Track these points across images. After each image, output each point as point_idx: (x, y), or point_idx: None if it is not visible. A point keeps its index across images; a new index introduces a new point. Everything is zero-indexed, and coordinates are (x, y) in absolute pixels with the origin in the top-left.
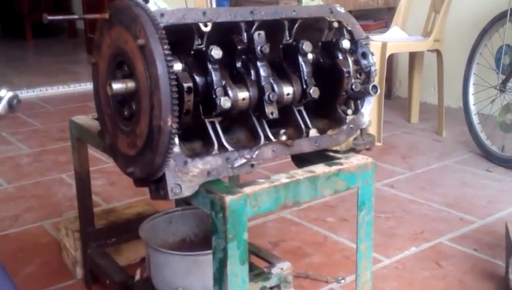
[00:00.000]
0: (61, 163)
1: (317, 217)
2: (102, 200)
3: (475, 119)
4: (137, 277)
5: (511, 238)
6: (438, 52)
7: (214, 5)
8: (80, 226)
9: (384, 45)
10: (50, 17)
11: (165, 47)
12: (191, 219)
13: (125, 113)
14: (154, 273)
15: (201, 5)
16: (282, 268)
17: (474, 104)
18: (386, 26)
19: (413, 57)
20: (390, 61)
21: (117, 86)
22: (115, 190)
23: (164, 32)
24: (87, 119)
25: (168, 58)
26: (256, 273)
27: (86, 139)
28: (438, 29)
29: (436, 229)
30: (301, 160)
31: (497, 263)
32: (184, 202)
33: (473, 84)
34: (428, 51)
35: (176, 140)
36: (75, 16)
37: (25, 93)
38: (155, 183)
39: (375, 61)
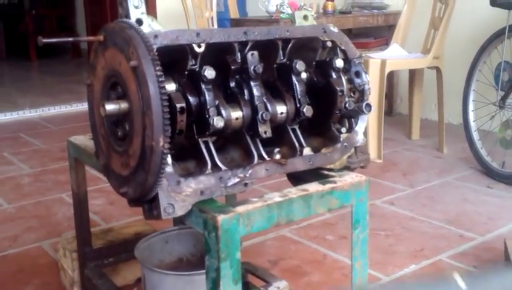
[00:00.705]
0: (62, 183)
1: (317, 235)
2: (102, 219)
3: (475, 135)
4: None
5: (510, 255)
6: (438, 69)
7: (216, 26)
8: (78, 247)
9: (383, 62)
10: (45, 40)
11: (157, 68)
12: (187, 239)
13: (119, 133)
14: None
15: (202, 26)
16: (279, 287)
17: (474, 121)
18: (387, 43)
19: (413, 74)
20: (391, 78)
21: (110, 106)
22: (114, 209)
23: (157, 53)
24: (85, 140)
25: (160, 80)
26: None
27: (83, 159)
28: (437, 46)
29: (436, 247)
30: (296, 178)
31: None
32: (181, 221)
33: (473, 100)
34: (428, 68)
35: (169, 160)
36: (70, 39)
37: (27, 113)
38: (148, 203)
39: (368, 79)
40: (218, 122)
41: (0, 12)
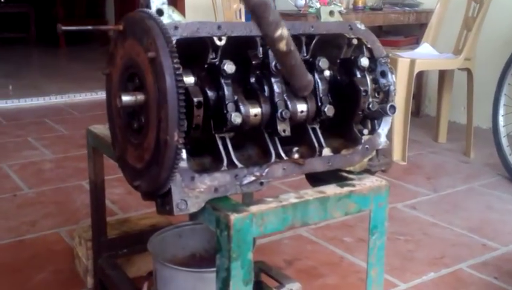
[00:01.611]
0: (82, 170)
1: (335, 236)
2: (119, 209)
3: (504, 141)
4: None
5: None
6: (469, 71)
7: (244, 19)
8: (92, 236)
9: (412, 62)
10: (64, 28)
11: (175, 60)
12: (201, 234)
13: (135, 125)
14: (161, 288)
15: (230, 18)
16: (292, 289)
17: (504, 126)
18: (417, 42)
19: (443, 74)
20: (420, 79)
21: (126, 98)
22: (132, 199)
23: (176, 45)
24: (104, 129)
25: (178, 72)
26: None
27: (101, 149)
28: (469, 47)
29: (456, 255)
30: (315, 179)
31: None
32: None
33: (504, 105)
34: (459, 69)
35: (184, 155)
36: (89, 27)
37: (53, 99)
38: (161, 197)
39: (395, 80)
40: (236, 119)
41: None
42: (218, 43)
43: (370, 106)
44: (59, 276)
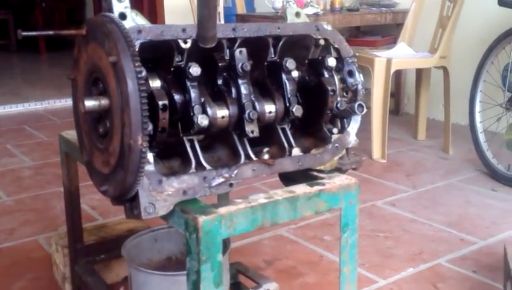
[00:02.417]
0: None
1: (315, 235)
2: (99, 214)
3: (481, 137)
4: None
5: (509, 261)
6: (445, 69)
7: (223, 21)
8: (69, 242)
9: (389, 61)
10: (24, 33)
11: (137, 64)
12: (177, 237)
13: (100, 130)
14: None
15: None
16: (269, 289)
17: (480, 122)
18: (395, 42)
19: (420, 73)
20: (399, 78)
21: (90, 103)
22: (112, 205)
23: (138, 48)
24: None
25: (140, 76)
26: None
27: (73, 154)
28: (445, 45)
29: (435, 250)
30: (288, 179)
31: (496, 285)
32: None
33: (480, 101)
34: (435, 67)
35: (150, 158)
36: (50, 32)
37: (33, 106)
38: (129, 202)
39: (362, 79)
40: (202, 121)
41: (11, 5)
42: (183, 46)
43: (338, 105)
44: (38, 284)
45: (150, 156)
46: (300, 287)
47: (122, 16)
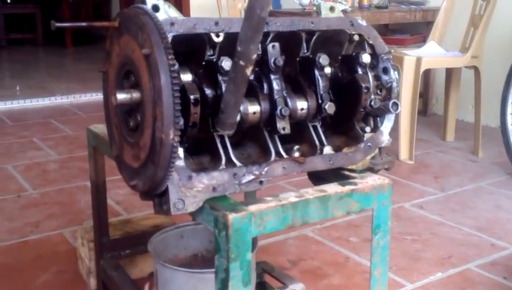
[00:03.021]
0: (87, 171)
1: (340, 236)
2: (124, 209)
3: None
4: None
5: None
6: (476, 69)
7: None
8: (94, 237)
9: (418, 60)
10: (57, 24)
11: (170, 57)
12: (203, 234)
13: (131, 124)
14: (162, 289)
15: (234, 15)
16: (295, 289)
17: None
18: (424, 41)
19: (450, 73)
20: (427, 77)
21: (122, 96)
22: (137, 200)
23: (170, 41)
24: (104, 128)
25: (173, 69)
26: None
27: (101, 148)
28: (476, 45)
29: (464, 255)
30: (317, 178)
31: None
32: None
33: (511, 103)
34: (466, 67)
35: (181, 153)
36: (83, 24)
37: (59, 100)
38: (159, 197)
39: (397, 77)
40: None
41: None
42: (215, 39)
43: (372, 103)
44: (62, 277)
45: (181, 151)
46: (326, 288)
47: (155, 8)
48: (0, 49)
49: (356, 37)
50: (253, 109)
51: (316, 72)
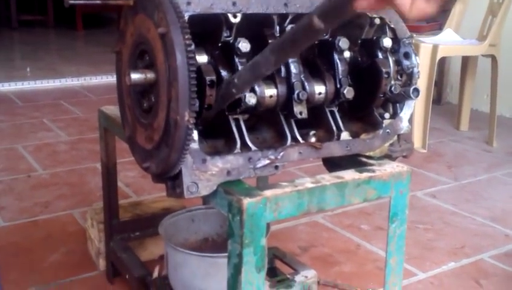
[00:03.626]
0: (97, 152)
1: (352, 223)
2: (133, 192)
3: None
4: (155, 274)
5: None
6: (493, 58)
7: None
8: (104, 218)
9: (435, 48)
10: (71, 1)
11: (187, 36)
12: (214, 218)
13: (145, 105)
14: (172, 272)
15: None
16: (307, 276)
17: None
18: (440, 28)
19: (466, 61)
20: (442, 65)
21: (136, 76)
22: (146, 183)
23: (187, 21)
24: (116, 110)
25: (189, 49)
26: (278, 280)
27: (113, 130)
28: (494, 33)
29: (478, 245)
30: (333, 164)
31: None
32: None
33: None
34: (483, 56)
35: (195, 136)
36: (97, 1)
37: (69, 82)
38: (172, 180)
39: (418, 62)
40: (250, 99)
41: None
42: (232, 20)
43: (392, 88)
44: (71, 257)
45: (195, 133)
46: (337, 276)
47: None
48: (12, 31)
49: (377, 21)
50: (269, 92)
51: (335, 56)
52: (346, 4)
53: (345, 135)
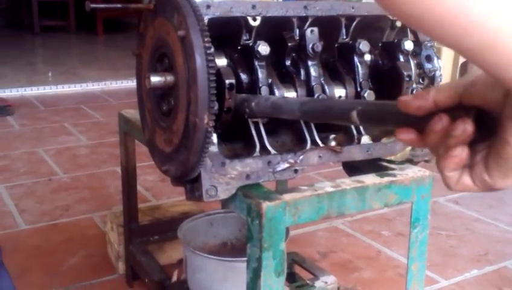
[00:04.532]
0: (117, 156)
1: (372, 229)
2: (152, 196)
3: None
4: (174, 278)
5: None
6: None
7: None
8: (124, 222)
9: None
10: (92, 5)
11: (206, 39)
12: (233, 223)
13: (164, 108)
14: (191, 276)
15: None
16: (327, 282)
17: None
18: None
19: None
20: (464, 70)
21: (155, 78)
22: (165, 187)
23: (206, 24)
24: (136, 113)
25: (208, 52)
26: (298, 285)
27: (132, 133)
28: None
29: (501, 252)
30: (353, 169)
31: None
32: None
33: None
34: None
35: (215, 139)
36: (118, 5)
37: (90, 86)
38: (191, 183)
39: (440, 65)
40: None
41: None
42: (252, 23)
43: (414, 92)
44: (91, 261)
45: (214, 136)
46: (356, 282)
47: None
48: (34, 36)
49: (398, 23)
50: (289, 95)
51: (355, 59)
52: (388, 124)
53: (365, 139)
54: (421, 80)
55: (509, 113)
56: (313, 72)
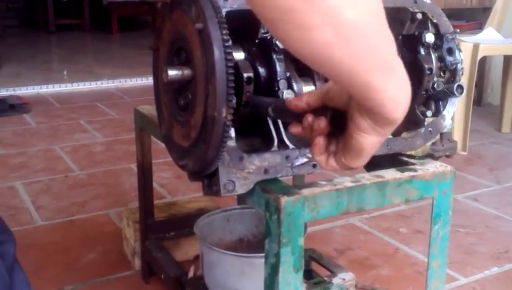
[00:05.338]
0: (132, 153)
1: (389, 226)
2: (168, 192)
3: None
4: (191, 274)
5: None
6: None
7: None
8: (140, 218)
9: (476, 46)
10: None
11: (224, 32)
12: (249, 219)
13: (181, 102)
14: (207, 272)
15: None
16: (344, 279)
17: None
18: (480, 27)
19: (509, 61)
20: (483, 65)
21: (173, 72)
22: (181, 183)
23: (224, 16)
24: (152, 109)
25: (227, 44)
26: (315, 282)
27: (148, 129)
28: None
29: None
30: (372, 164)
31: None
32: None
33: None
34: None
35: (232, 133)
36: None
37: (105, 84)
38: (208, 178)
39: (462, 58)
40: (288, 96)
41: None
42: None
43: (435, 85)
44: (107, 257)
45: (232, 131)
46: (374, 279)
47: None
48: (50, 35)
49: (419, 16)
50: (308, 89)
51: None
52: (288, 119)
53: None
54: (442, 73)
55: (352, 114)
56: None
